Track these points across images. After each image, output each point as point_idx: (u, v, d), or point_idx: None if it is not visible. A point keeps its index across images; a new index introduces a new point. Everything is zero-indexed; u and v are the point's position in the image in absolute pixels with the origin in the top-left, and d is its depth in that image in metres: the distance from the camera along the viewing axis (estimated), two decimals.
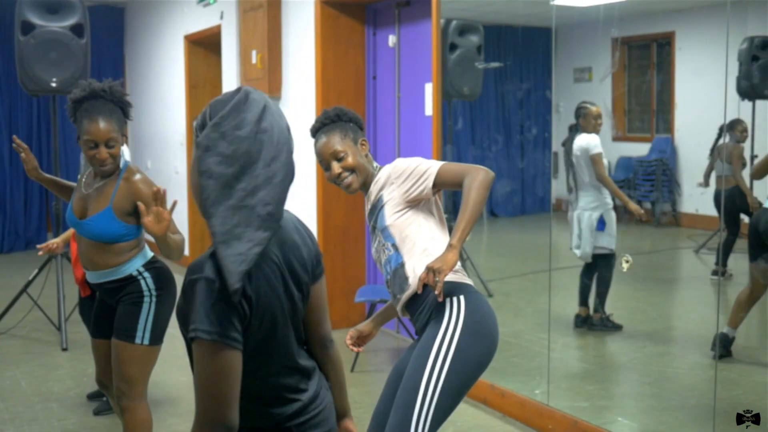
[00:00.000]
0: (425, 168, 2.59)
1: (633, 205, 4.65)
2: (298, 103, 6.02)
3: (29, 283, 5.83)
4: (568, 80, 5.06)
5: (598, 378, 4.54)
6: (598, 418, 3.81)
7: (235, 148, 1.65)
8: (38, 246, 4.09)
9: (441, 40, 4.60)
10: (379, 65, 5.77)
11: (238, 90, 1.72)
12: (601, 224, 4.67)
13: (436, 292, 2.38)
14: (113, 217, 3.02)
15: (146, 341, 3.08)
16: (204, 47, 7.83)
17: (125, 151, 3.43)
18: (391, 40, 5.50)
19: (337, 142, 2.68)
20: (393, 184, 2.63)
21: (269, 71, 6.13)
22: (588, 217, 4.68)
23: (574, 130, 4.73)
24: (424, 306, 2.58)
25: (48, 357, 5.24)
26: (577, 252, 4.75)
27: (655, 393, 4.18)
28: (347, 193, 2.76)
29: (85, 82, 3.04)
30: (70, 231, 3.80)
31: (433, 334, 2.51)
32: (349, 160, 2.67)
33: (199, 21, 7.45)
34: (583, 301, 4.82)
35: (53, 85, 5.70)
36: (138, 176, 3.08)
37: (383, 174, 2.68)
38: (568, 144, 4.77)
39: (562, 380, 4.30)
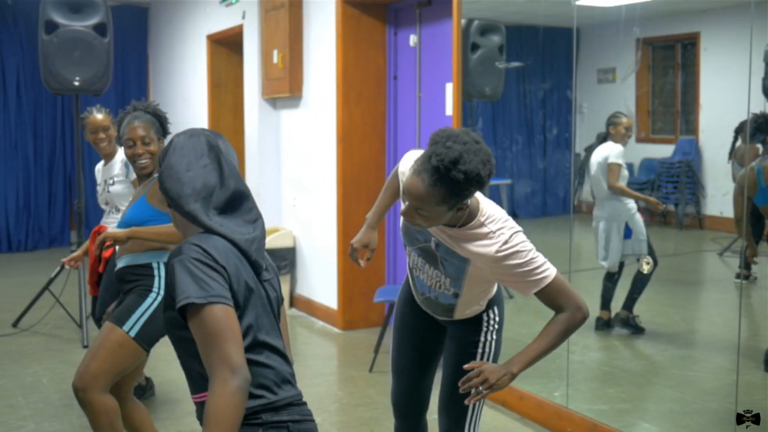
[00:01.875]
0: (536, 271, 2.26)
1: (652, 199, 4.60)
2: (319, 103, 6.02)
3: (51, 280, 5.88)
4: (592, 81, 5.02)
5: (618, 381, 4.50)
6: (618, 422, 3.77)
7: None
8: (63, 260, 4.18)
9: (462, 39, 4.58)
10: (400, 65, 5.76)
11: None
12: (628, 231, 4.63)
13: (472, 400, 2.25)
14: (144, 203, 3.15)
15: (133, 333, 3.01)
16: (226, 47, 7.85)
17: None
18: (412, 39, 5.49)
19: (429, 201, 2.12)
20: (490, 267, 2.30)
21: (290, 71, 6.14)
22: (616, 228, 4.64)
23: (602, 138, 4.67)
24: (456, 321, 2.60)
25: (69, 354, 5.27)
26: (605, 264, 4.71)
27: (676, 397, 4.13)
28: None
29: (132, 103, 3.38)
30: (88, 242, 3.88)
31: (473, 341, 2.57)
32: (427, 218, 2.18)
33: (222, 21, 7.48)
34: (605, 304, 4.77)
35: (76, 84, 5.74)
36: None
37: (481, 248, 2.27)
38: (589, 152, 4.71)
39: (581, 383, 4.27)
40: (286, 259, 6.35)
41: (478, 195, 2.33)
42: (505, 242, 2.26)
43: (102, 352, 3.01)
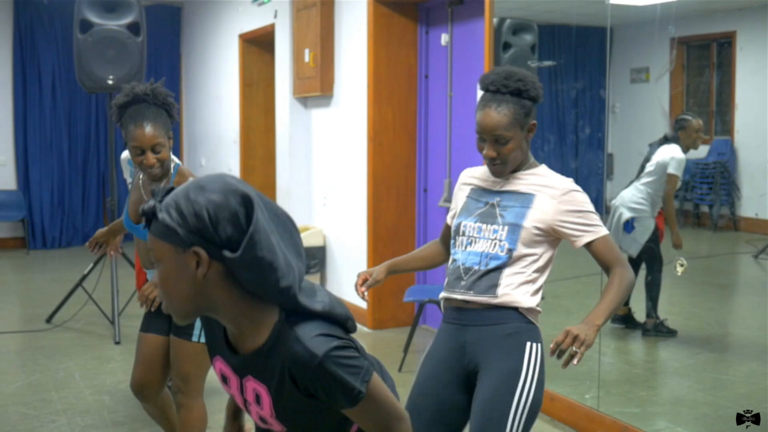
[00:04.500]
0: (596, 221, 2.38)
1: (677, 238, 4.51)
2: (350, 102, 6.02)
3: (84, 277, 5.94)
4: (625, 80, 4.97)
5: (650, 384, 4.45)
6: (649, 425, 3.73)
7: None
8: (87, 245, 4.07)
9: (494, 39, 4.55)
10: (431, 64, 5.74)
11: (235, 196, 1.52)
12: (629, 226, 4.55)
13: (574, 362, 2.16)
14: None
15: (203, 339, 3.08)
16: (258, 46, 7.88)
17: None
18: (444, 38, 5.47)
19: (504, 122, 2.34)
20: (557, 201, 2.38)
21: (321, 70, 6.15)
22: (619, 215, 4.57)
23: (667, 140, 4.56)
24: (494, 326, 2.39)
25: (101, 350, 5.32)
26: None
27: (709, 400, 4.08)
28: (492, 175, 2.46)
29: (128, 86, 3.04)
30: (116, 223, 3.84)
31: (513, 381, 2.34)
32: (508, 146, 2.37)
33: (254, 20, 7.51)
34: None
35: (110, 82, 5.80)
36: (189, 178, 3.10)
37: (553, 180, 2.42)
38: (652, 149, 4.61)
39: (612, 385, 4.22)
40: (316, 257, 6.37)
41: None
42: (573, 182, 2.43)
43: (185, 364, 3.10)
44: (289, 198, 6.68)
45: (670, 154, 4.47)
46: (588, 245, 2.38)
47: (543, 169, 2.48)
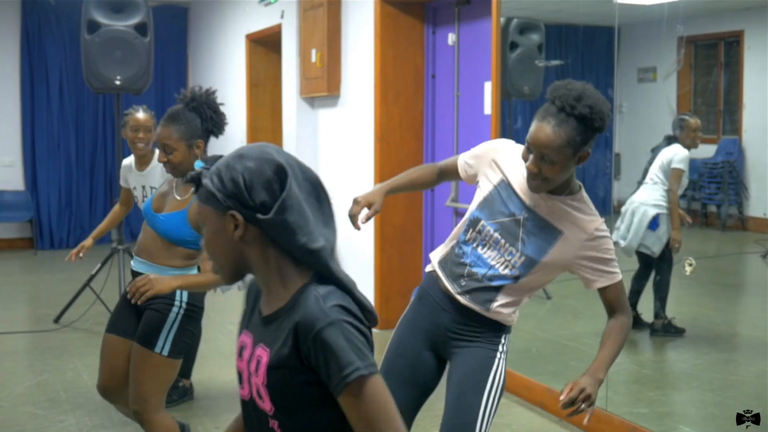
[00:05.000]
0: (614, 267, 2.36)
1: (676, 235, 4.50)
2: (357, 102, 6.02)
3: (92, 277, 5.96)
4: (632, 80, 4.96)
5: (658, 384, 4.44)
6: (658, 425, 3.72)
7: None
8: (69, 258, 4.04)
9: (501, 38, 4.55)
10: (438, 64, 5.74)
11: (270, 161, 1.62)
12: (655, 224, 4.55)
13: (585, 421, 2.25)
14: (185, 221, 3.01)
15: (165, 352, 2.99)
16: (265, 46, 7.89)
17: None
18: (451, 38, 5.47)
19: (557, 143, 2.19)
20: (582, 243, 2.34)
21: (328, 69, 6.15)
22: (643, 212, 4.56)
23: (669, 141, 4.57)
24: (473, 323, 2.48)
25: None
26: (622, 242, 4.63)
27: (718, 401, 4.07)
28: (530, 189, 2.35)
29: (186, 90, 3.06)
30: (99, 228, 3.84)
31: (487, 364, 2.46)
32: (553, 168, 2.24)
33: (260, 20, 7.52)
34: (632, 302, 4.72)
35: (117, 83, 5.81)
36: None
37: (584, 220, 2.34)
38: (655, 152, 4.62)
39: (621, 385, 4.21)
40: None
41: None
42: (603, 223, 2.35)
43: (144, 376, 3.00)
44: None
45: (674, 151, 4.49)
46: (600, 289, 2.37)
47: (580, 198, 2.37)
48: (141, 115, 4.67)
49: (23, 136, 9.22)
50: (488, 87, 4.89)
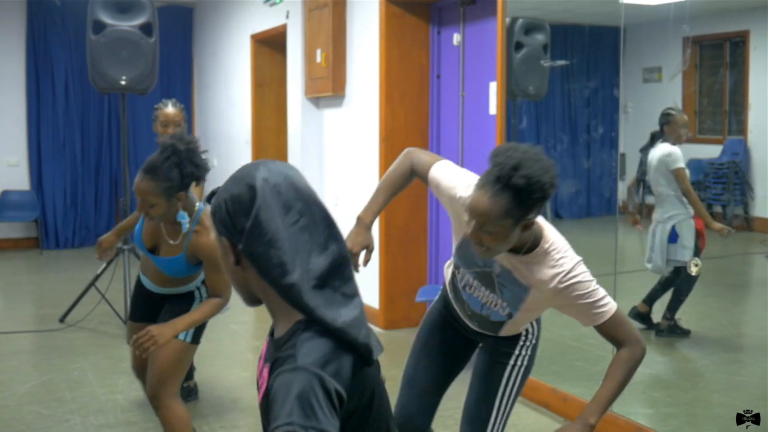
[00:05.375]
0: (599, 304, 2.22)
1: (717, 225, 4.43)
2: (362, 102, 6.02)
3: (97, 277, 5.97)
4: (637, 80, 4.95)
5: (664, 384, 4.43)
6: (664, 426, 3.72)
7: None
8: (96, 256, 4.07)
9: (506, 38, 4.54)
10: (443, 64, 5.74)
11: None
12: (674, 236, 4.54)
13: None
14: (185, 262, 3.08)
15: (189, 339, 3.10)
16: (269, 46, 7.90)
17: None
18: (456, 38, 5.46)
19: (494, 214, 2.06)
20: (551, 297, 2.27)
21: (333, 70, 6.15)
22: (661, 230, 4.56)
23: (657, 137, 4.57)
24: (498, 337, 2.58)
25: (114, 350, 5.34)
26: (648, 266, 4.64)
27: (723, 401, 4.06)
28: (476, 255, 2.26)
29: (172, 140, 2.93)
30: (122, 225, 3.86)
31: (507, 353, 2.55)
32: (491, 237, 2.11)
33: (265, 20, 7.52)
34: (649, 300, 4.71)
35: (123, 83, 5.82)
36: (206, 239, 2.99)
37: (541, 280, 2.23)
38: (644, 153, 4.62)
39: (627, 386, 4.20)
40: None
41: (543, 222, 2.28)
42: (568, 272, 2.22)
43: (165, 361, 3.08)
44: None
45: (664, 152, 4.47)
46: (596, 328, 2.28)
47: (541, 252, 2.23)
48: (170, 109, 4.63)
49: (29, 136, 9.24)
50: (493, 87, 4.88)
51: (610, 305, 2.24)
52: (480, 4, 5.23)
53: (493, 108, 4.95)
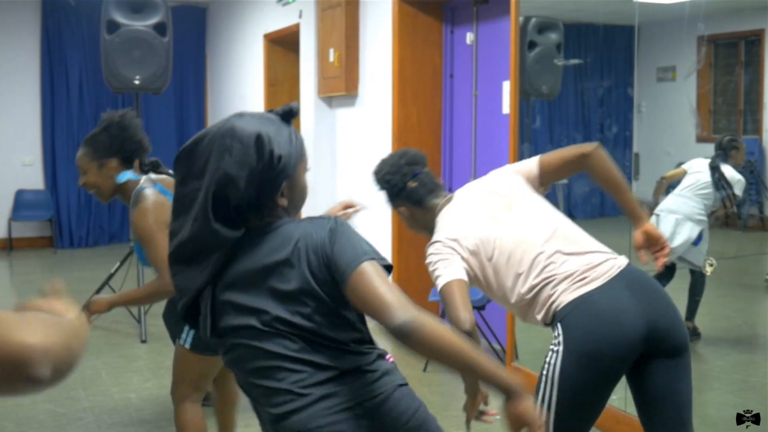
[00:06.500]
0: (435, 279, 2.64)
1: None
2: (375, 101, 6.02)
3: (111, 275, 5.99)
4: (651, 79, 4.93)
5: None
6: None
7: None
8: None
9: (520, 37, 4.53)
10: (456, 63, 5.73)
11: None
12: (699, 239, 4.53)
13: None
14: (138, 245, 3.09)
15: (187, 345, 3.07)
16: (283, 46, 7.91)
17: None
18: (469, 37, 5.45)
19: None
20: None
21: (346, 69, 6.15)
22: (690, 228, 4.54)
23: (721, 159, 4.54)
24: None
25: (127, 348, 5.36)
26: None
27: (737, 403, 4.03)
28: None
29: (111, 114, 3.10)
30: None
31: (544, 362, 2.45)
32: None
33: (278, 20, 7.53)
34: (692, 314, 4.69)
35: (136, 82, 5.83)
36: (136, 215, 3.01)
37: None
38: (715, 166, 4.59)
39: None
40: None
41: (447, 211, 2.74)
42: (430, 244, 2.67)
43: (173, 364, 3.16)
44: (314, 197, 6.67)
45: (740, 178, 4.49)
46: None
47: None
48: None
49: (43, 136, 9.29)
50: (506, 86, 4.87)
51: (439, 281, 2.57)
52: (493, 3, 5.22)
53: (506, 107, 4.93)
